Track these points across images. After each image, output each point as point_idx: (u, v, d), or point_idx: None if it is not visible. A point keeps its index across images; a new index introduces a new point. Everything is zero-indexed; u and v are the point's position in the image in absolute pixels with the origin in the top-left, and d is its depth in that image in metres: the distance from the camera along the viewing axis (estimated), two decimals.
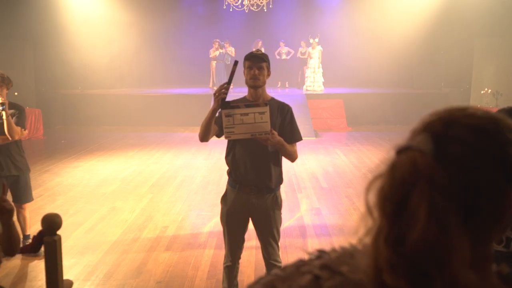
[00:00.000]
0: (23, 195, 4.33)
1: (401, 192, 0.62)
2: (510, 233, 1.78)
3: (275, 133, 2.77)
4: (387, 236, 0.62)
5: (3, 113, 4.05)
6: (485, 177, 0.65)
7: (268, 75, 2.93)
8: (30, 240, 4.13)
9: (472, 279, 0.61)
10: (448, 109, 0.71)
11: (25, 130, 4.29)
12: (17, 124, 4.13)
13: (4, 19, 11.69)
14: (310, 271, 0.68)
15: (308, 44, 13.99)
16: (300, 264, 0.72)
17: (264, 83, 2.91)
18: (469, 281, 0.61)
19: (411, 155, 0.64)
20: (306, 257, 0.74)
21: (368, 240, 0.64)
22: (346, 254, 0.71)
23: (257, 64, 2.85)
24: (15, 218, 2.32)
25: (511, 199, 0.66)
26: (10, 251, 2.28)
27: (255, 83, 2.87)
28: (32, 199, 4.49)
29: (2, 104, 4.03)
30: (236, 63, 2.81)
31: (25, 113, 4.30)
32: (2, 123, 4.06)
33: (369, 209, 0.64)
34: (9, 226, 2.23)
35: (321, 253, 0.73)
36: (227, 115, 2.74)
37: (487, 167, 0.65)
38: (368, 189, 0.65)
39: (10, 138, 4.10)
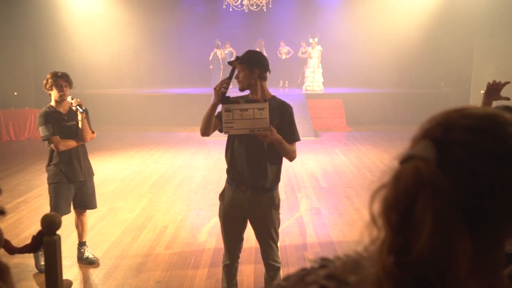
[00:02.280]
0: (89, 201, 4.06)
1: (406, 202, 0.61)
2: None
3: (274, 130, 2.75)
4: (391, 247, 0.60)
5: (79, 115, 3.88)
6: (491, 178, 0.62)
7: (255, 76, 2.82)
8: (86, 247, 4.10)
9: None
10: (445, 112, 0.69)
11: (93, 132, 4.10)
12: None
13: (4, 19, 11.68)
14: (316, 282, 0.66)
15: (308, 44, 14.00)
16: (303, 274, 0.69)
17: (248, 84, 2.84)
18: None
19: (415, 164, 0.63)
20: (308, 265, 0.71)
21: (373, 249, 0.63)
22: (352, 263, 0.68)
23: (239, 66, 2.83)
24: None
25: None
26: None
27: (238, 85, 2.87)
28: (96, 206, 4.21)
29: (81, 106, 3.83)
30: (237, 58, 2.83)
31: (88, 114, 4.08)
32: (76, 126, 3.90)
33: (373, 219, 0.63)
34: None
35: (325, 262, 0.70)
36: (227, 110, 2.76)
37: (492, 168, 0.63)
38: (372, 199, 0.64)
39: (83, 141, 3.95)
